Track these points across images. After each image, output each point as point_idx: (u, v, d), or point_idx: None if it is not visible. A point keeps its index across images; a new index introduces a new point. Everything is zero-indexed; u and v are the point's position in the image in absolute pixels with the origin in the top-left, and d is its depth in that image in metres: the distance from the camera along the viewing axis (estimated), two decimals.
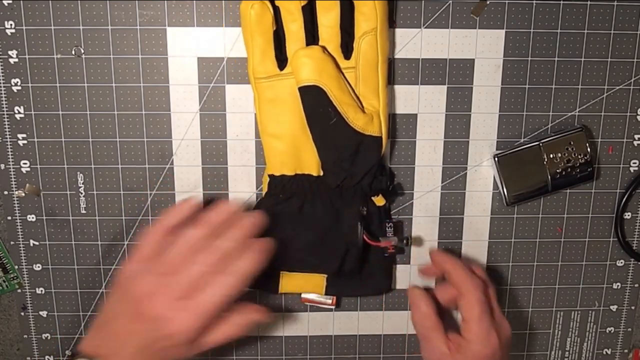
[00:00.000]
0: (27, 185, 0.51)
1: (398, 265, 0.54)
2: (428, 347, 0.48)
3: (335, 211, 0.48)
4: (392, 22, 0.48)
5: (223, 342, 0.45)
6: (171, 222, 0.45)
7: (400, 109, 0.51)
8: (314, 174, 0.48)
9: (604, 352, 0.58)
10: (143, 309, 0.42)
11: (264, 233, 0.48)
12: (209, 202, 0.51)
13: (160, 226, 0.45)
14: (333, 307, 0.52)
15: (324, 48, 0.45)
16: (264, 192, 0.49)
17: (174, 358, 0.43)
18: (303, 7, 0.45)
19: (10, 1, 0.47)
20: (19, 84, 0.49)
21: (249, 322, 0.45)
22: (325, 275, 0.50)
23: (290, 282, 0.50)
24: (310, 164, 0.48)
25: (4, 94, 0.49)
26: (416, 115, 0.51)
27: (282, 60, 0.46)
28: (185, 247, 0.43)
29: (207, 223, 0.44)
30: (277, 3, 0.45)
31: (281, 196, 0.48)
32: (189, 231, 0.44)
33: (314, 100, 0.45)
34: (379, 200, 0.49)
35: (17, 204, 0.51)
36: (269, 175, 0.49)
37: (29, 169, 0.50)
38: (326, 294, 0.50)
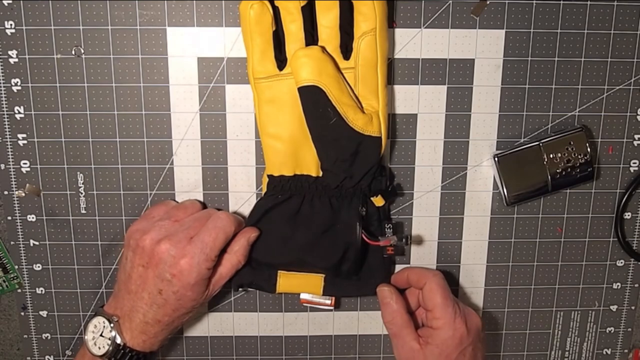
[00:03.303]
0: (27, 185, 0.51)
1: (397, 266, 0.54)
2: (399, 345, 0.48)
3: (334, 211, 0.48)
4: (391, 22, 0.48)
5: (231, 275, 0.48)
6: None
7: (400, 109, 0.51)
8: (313, 174, 0.48)
9: (604, 352, 0.58)
10: (154, 253, 0.44)
11: (263, 233, 0.49)
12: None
13: (169, 201, 0.51)
14: (332, 307, 0.52)
15: (323, 48, 0.45)
16: (263, 192, 0.49)
17: (189, 308, 0.46)
18: (302, 8, 0.45)
19: (10, 1, 0.47)
20: (19, 84, 0.49)
21: (245, 245, 0.48)
22: (323, 275, 0.50)
23: (288, 281, 0.50)
24: (310, 164, 0.48)
25: (4, 94, 0.49)
26: (416, 115, 0.51)
27: (281, 60, 0.46)
28: (187, 203, 0.49)
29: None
30: (276, 3, 0.45)
31: (280, 196, 0.48)
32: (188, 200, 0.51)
33: (314, 101, 0.45)
34: (378, 201, 0.49)
35: (17, 204, 0.51)
36: (268, 176, 0.49)
37: (29, 169, 0.50)
38: (324, 294, 0.50)
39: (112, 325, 0.45)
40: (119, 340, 0.45)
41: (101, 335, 0.45)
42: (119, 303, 0.46)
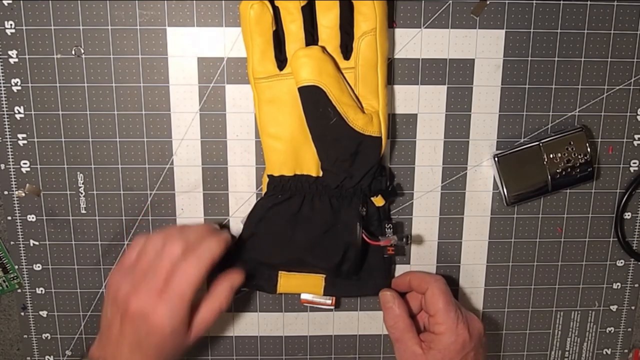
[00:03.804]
0: (27, 185, 0.51)
1: (397, 266, 0.54)
2: (402, 349, 0.48)
3: (334, 211, 0.48)
4: (391, 22, 0.48)
5: (213, 319, 0.46)
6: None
7: (400, 109, 0.51)
8: (313, 174, 0.48)
9: (604, 352, 0.58)
10: (127, 309, 0.44)
11: (263, 233, 0.49)
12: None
13: (140, 238, 0.47)
14: (332, 307, 0.52)
15: (323, 48, 0.45)
16: (263, 192, 0.49)
17: (173, 351, 0.45)
18: (303, 8, 0.45)
19: (10, 1, 0.47)
20: (19, 84, 0.49)
21: (228, 289, 0.47)
22: (324, 276, 0.50)
23: (288, 282, 0.50)
24: (310, 164, 0.48)
25: (4, 94, 0.49)
26: (416, 115, 0.51)
27: (281, 60, 0.46)
28: (158, 245, 0.45)
29: (180, 225, 0.48)
30: (276, 3, 0.45)
31: (280, 196, 0.48)
32: (159, 231, 0.47)
33: (314, 100, 0.45)
34: (378, 201, 0.49)
35: (17, 204, 0.51)
36: (268, 176, 0.49)
37: (29, 169, 0.50)
38: (324, 294, 0.50)
39: None
40: None
41: None
42: (104, 348, 0.46)
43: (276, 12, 0.45)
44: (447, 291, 0.48)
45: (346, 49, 0.46)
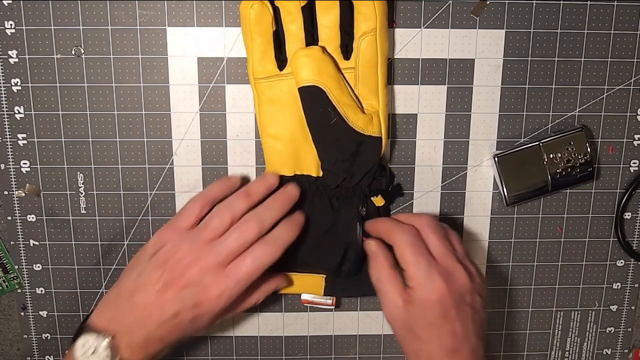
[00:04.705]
0: (27, 185, 0.51)
1: None
2: (384, 302, 0.44)
3: (334, 212, 0.48)
4: (391, 22, 0.48)
5: (245, 309, 0.46)
6: (212, 195, 0.46)
7: (400, 109, 0.51)
8: (314, 174, 0.48)
9: (604, 352, 0.58)
10: (179, 276, 0.41)
11: None
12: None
13: (201, 197, 0.45)
14: (333, 307, 0.52)
15: (323, 48, 0.45)
16: None
17: (198, 330, 0.43)
18: (303, 8, 0.45)
19: (10, 1, 0.47)
20: (19, 84, 0.49)
21: (272, 289, 0.47)
22: (324, 276, 0.50)
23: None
24: (310, 164, 0.48)
25: (4, 94, 0.49)
26: (416, 115, 0.51)
27: (281, 60, 0.46)
28: (226, 216, 0.43)
29: (247, 193, 0.45)
30: (276, 3, 0.45)
31: None
32: (229, 200, 0.44)
33: (314, 101, 0.45)
34: (378, 201, 0.49)
35: (17, 204, 0.51)
36: None
37: (29, 169, 0.50)
38: (325, 294, 0.50)
39: (105, 343, 0.40)
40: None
41: (94, 353, 0.40)
42: (116, 315, 0.42)
43: (276, 12, 0.45)
44: (414, 242, 0.43)
45: (346, 49, 0.46)
